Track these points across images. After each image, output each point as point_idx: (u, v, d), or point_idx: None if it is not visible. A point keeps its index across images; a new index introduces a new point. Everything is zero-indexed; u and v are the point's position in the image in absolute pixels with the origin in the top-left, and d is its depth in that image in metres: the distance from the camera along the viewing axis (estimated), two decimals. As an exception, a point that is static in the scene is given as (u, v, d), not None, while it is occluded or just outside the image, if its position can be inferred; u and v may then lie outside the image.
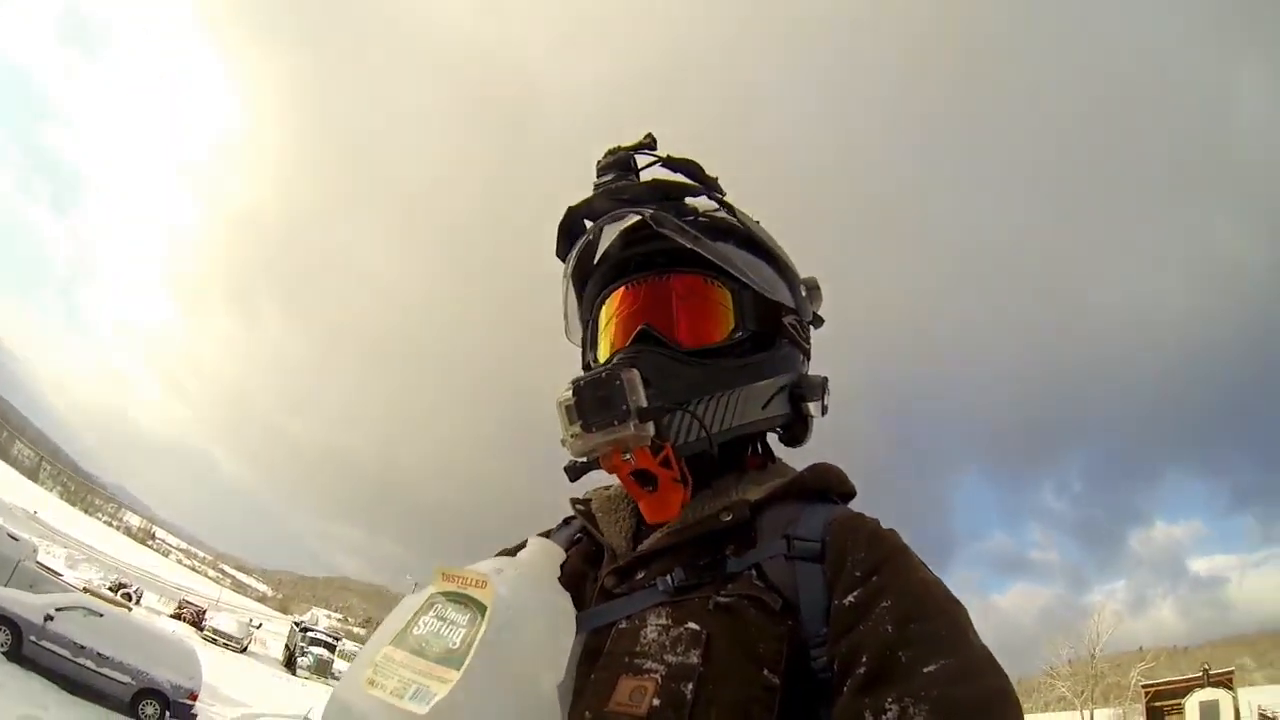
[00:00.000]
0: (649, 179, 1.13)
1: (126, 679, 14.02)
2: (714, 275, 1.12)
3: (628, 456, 0.98)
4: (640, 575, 1.01)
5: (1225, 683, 39.84)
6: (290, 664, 41.28)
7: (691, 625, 0.90)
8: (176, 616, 39.68)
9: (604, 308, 1.18)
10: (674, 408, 1.03)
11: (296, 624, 50.90)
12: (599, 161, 1.14)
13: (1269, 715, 42.03)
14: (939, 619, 0.85)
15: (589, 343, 1.20)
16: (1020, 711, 0.81)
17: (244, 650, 38.16)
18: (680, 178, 1.14)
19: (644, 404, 0.96)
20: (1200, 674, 42.30)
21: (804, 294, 1.22)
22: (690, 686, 0.84)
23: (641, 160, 1.15)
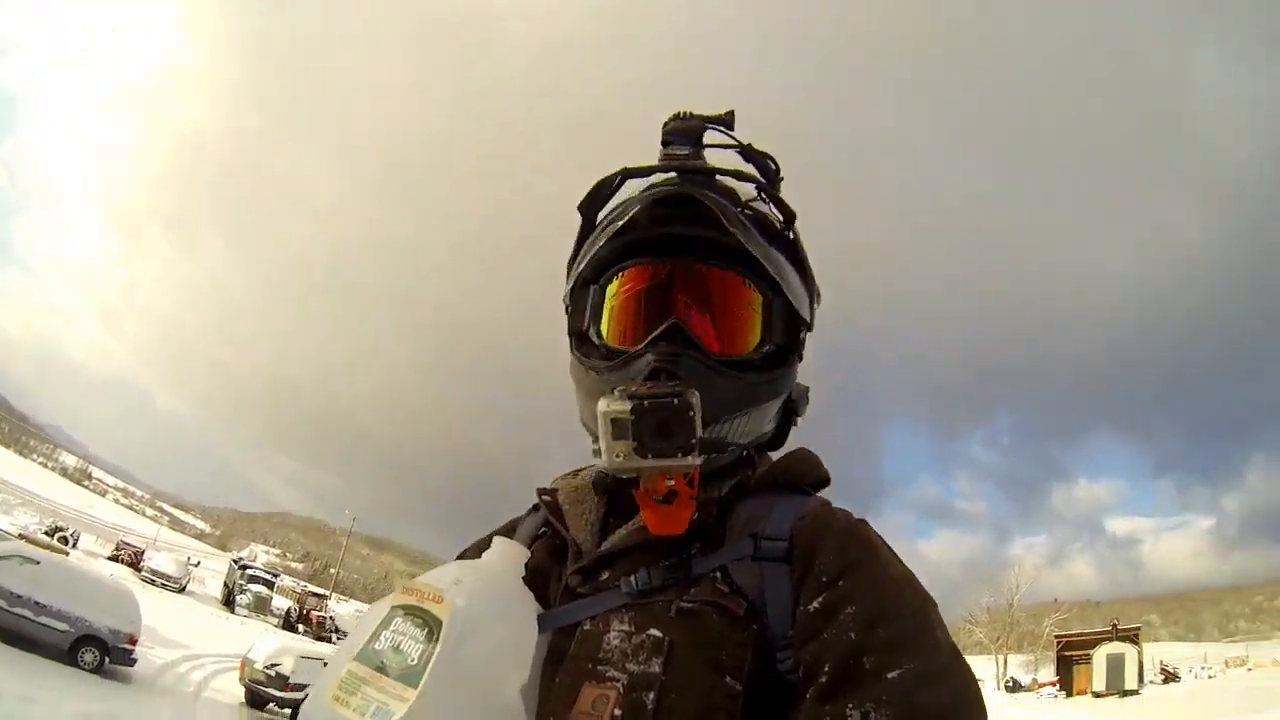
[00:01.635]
0: (729, 167, 1.07)
1: (64, 627, 14.03)
2: (750, 275, 1.05)
3: (670, 482, 0.95)
4: (605, 575, 0.99)
5: (1132, 637, 42.84)
6: (229, 602, 41.38)
7: (654, 632, 0.89)
8: (114, 558, 39.36)
9: (619, 280, 1.08)
10: (723, 444, 1.02)
11: (235, 561, 50.87)
12: (665, 123, 1.06)
13: (1170, 670, 45.37)
14: (904, 620, 0.85)
15: (592, 313, 1.09)
16: (985, 713, 0.81)
17: (183, 590, 38.16)
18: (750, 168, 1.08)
19: (702, 434, 0.91)
20: (1109, 628, 45.25)
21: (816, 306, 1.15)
22: (652, 696, 0.84)
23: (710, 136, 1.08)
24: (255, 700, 17.52)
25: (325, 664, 0.96)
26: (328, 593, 60.11)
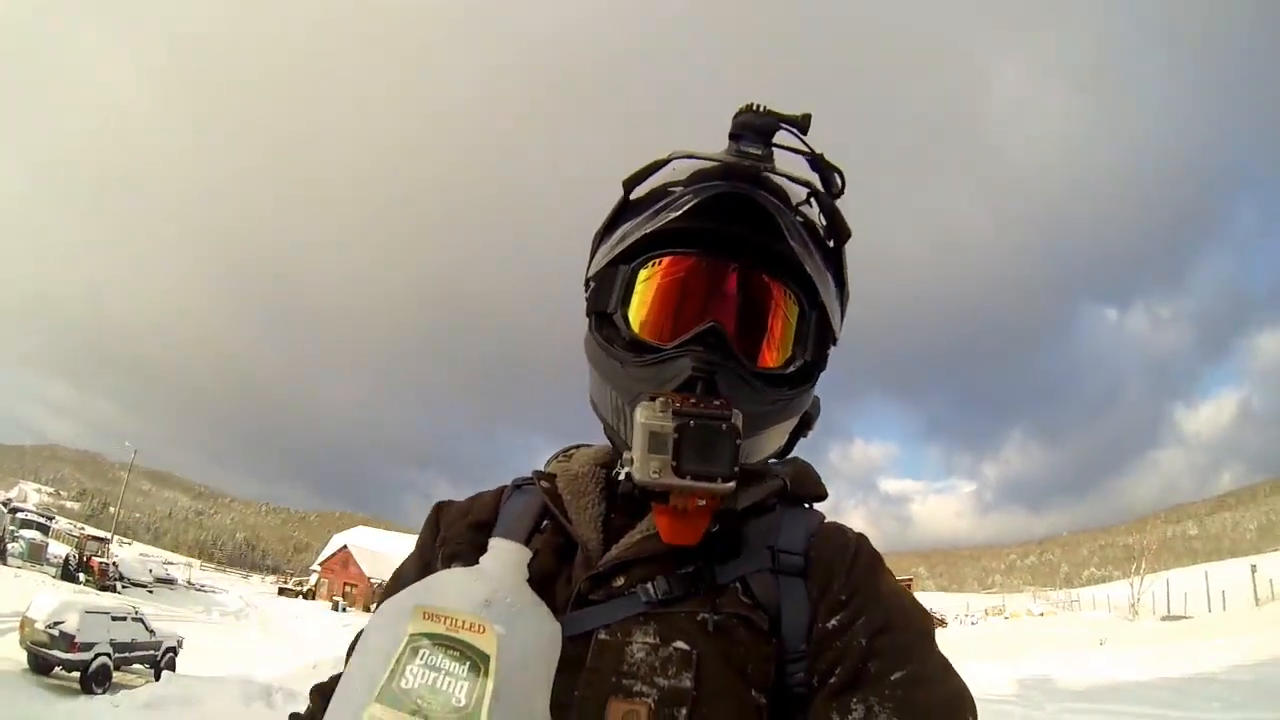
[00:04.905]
0: (802, 178, 0.99)
1: None
2: (792, 286, 1.00)
3: (702, 502, 0.87)
4: (619, 581, 0.95)
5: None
6: (-1, 552, 38.06)
7: (680, 645, 0.88)
8: None
9: (657, 266, 1.00)
10: (756, 466, 1.00)
11: (3, 504, 46.83)
12: (738, 114, 0.97)
13: (938, 617, 51.05)
14: (906, 631, 0.92)
15: (620, 297, 1.00)
16: (976, 714, 0.88)
17: (-57, 539, 34.69)
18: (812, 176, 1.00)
19: (740, 460, 0.85)
20: (881, 580, 50.16)
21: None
22: (684, 712, 0.83)
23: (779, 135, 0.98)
24: (39, 665, 15.70)
25: (316, 700, 0.91)
26: (109, 535, 55.96)
